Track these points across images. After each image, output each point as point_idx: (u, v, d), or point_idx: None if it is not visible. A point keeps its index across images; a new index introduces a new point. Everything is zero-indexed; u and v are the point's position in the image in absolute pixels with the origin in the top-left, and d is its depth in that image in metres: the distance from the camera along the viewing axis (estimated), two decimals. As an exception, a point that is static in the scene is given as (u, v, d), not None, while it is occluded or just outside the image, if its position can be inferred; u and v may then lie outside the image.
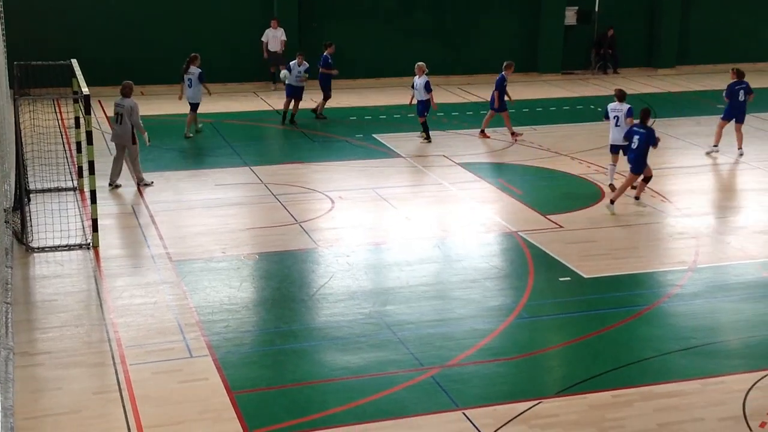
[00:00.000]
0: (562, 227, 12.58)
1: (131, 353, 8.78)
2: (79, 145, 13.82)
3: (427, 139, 17.31)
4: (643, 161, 13.14)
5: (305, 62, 18.51)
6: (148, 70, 21.11)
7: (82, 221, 12.30)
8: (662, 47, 25.80)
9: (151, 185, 14.23)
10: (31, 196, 13.05)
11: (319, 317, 9.78)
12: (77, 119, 14.12)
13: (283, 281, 10.67)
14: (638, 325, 9.63)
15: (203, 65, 17.51)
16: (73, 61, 13.69)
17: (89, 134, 11.45)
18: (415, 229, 12.54)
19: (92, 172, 11.51)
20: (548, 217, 13.01)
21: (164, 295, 10.16)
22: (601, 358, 8.87)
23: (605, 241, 12.11)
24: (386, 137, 17.65)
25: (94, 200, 11.50)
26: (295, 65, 18.45)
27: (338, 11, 23.39)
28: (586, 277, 10.87)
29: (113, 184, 14.12)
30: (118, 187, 14.11)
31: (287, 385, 8.30)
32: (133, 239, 12.07)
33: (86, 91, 11.55)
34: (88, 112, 11.44)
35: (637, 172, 13.19)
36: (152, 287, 10.38)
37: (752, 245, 12.10)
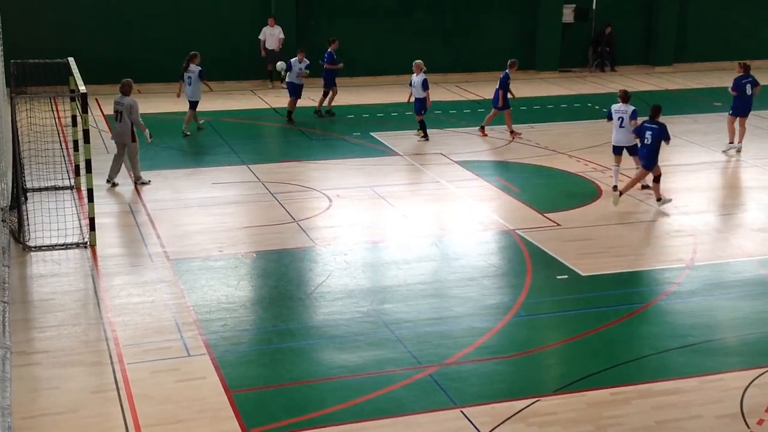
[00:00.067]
0: (559, 225, 12.59)
1: (129, 352, 8.77)
2: (76, 143, 13.79)
3: (424, 137, 17.31)
4: (655, 157, 13.14)
5: (306, 59, 18.49)
6: (145, 68, 21.08)
7: (79, 220, 12.29)
8: (660, 45, 25.81)
9: (148, 184, 14.21)
10: (28, 194, 13.03)
11: (316, 316, 9.77)
12: (74, 118, 14.08)
13: (280, 280, 10.66)
14: (636, 322, 9.64)
15: (201, 63, 17.48)
16: (70, 59, 13.67)
17: (86, 133, 11.43)
18: (412, 227, 12.53)
19: (89, 170, 11.49)
20: (546, 215, 13.01)
21: (162, 293, 10.15)
22: (599, 355, 8.87)
23: (603, 238, 12.12)
24: (384, 135, 17.64)
25: (91, 199, 11.48)
26: (296, 62, 18.40)
27: (336, 9, 23.38)
28: (583, 275, 10.87)
29: (111, 181, 14.11)
30: (115, 185, 14.09)
31: (285, 383, 8.29)
32: (130, 238, 12.05)
33: (83, 89, 11.52)
34: (85, 110, 11.41)
35: (648, 167, 13.20)
36: (149, 286, 10.36)
37: (750, 243, 12.11)
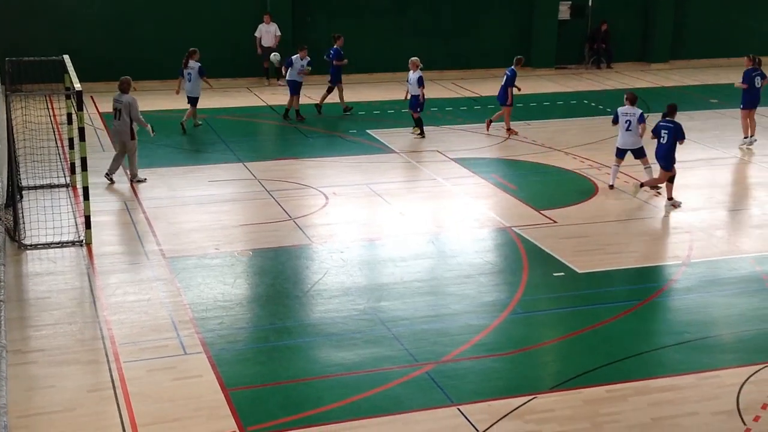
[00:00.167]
0: (556, 222, 12.59)
1: (125, 350, 8.75)
2: (71, 141, 13.76)
3: (421, 134, 17.30)
4: (672, 156, 13.11)
5: (307, 56, 18.42)
6: (141, 65, 21.01)
7: (74, 218, 12.27)
8: (656, 41, 25.82)
9: (144, 182, 14.18)
10: (23, 192, 13.00)
11: (313, 313, 9.76)
12: (69, 115, 14.06)
13: (277, 278, 10.65)
14: (632, 319, 9.65)
15: (198, 60, 17.44)
16: (65, 56, 13.63)
17: (81, 130, 11.40)
18: (409, 224, 12.53)
19: (85, 168, 11.46)
20: (542, 212, 13.01)
21: (158, 292, 10.14)
22: (595, 352, 8.88)
23: (599, 236, 12.12)
24: (380, 133, 17.63)
25: (86, 197, 11.45)
26: (297, 59, 18.34)
27: (332, 6, 23.34)
28: (580, 272, 10.88)
29: (109, 176, 14.10)
30: (113, 182, 14.07)
31: (282, 381, 8.29)
32: (126, 236, 12.03)
33: (78, 87, 11.49)
34: (80, 108, 11.38)
35: (668, 168, 13.15)
36: (146, 284, 10.35)
37: (746, 240, 12.13)
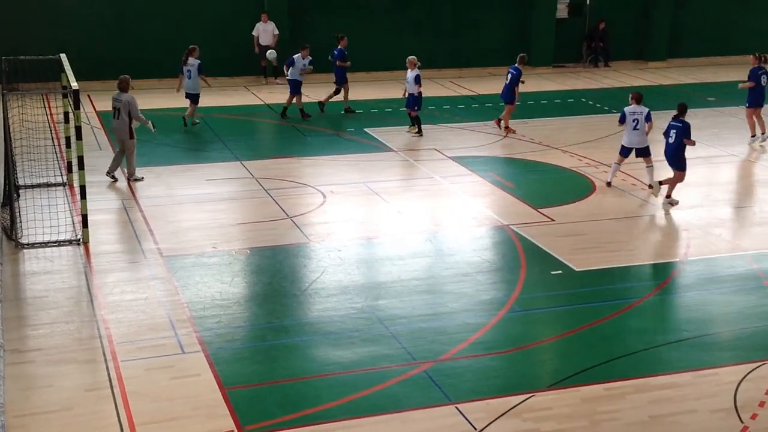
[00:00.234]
0: (553, 220, 12.59)
1: (122, 350, 8.74)
2: (68, 140, 13.74)
3: (419, 132, 17.30)
4: (681, 156, 13.08)
5: (309, 56, 18.38)
6: (138, 64, 20.95)
7: (71, 217, 12.25)
8: (653, 40, 25.84)
9: (141, 180, 14.17)
10: (20, 191, 12.97)
11: (311, 312, 9.76)
12: (66, 114, 14.03)
13: (274, 276, 10.64)
14: (630, 317, 9.65)
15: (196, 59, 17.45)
16: (62, 55, 13.60)
17: (78, 129, 11.38)
18: (406, 223, 12.52)
19: (81, 167, 11.44)
20: (540, 210, 13.01)
21: (155, 290, 10.12)
22: (593, 351, 8.88)
23: (596, 234, 12.13)
24: (378, 131, 17.62)
25: (83, 195, 11.43)
26: (299, 58, 18.29)
27: (329, 4, 23.31)
28: (577, 270, 10.88)
29: (111, 174, 14.09)
30: (115, 180, 14.06)
31: (280, 380, 8.28)
32: (123, 235, 12.01)
33: (75, 85, 11.47)
34: (77, 107, 11.36)
35: (680, 168, 13.10)
36: (143, 283, 10.33)
37: (743, 237, 12.14)
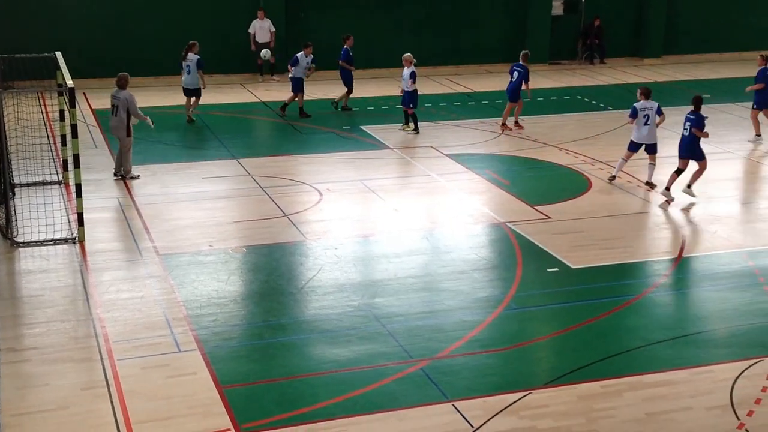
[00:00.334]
0: (550, 218, 12.60)
1: (119, 348, 8.73)
2: (63, 138, 13.70)
3: (415, 130, 17.29)
4: (697, 147, 13.24)
5: (311, 54, 18.35)
6: (134, 62, 20.89)
7: (67, 215, 12.23)
8: (649, 37, 25.85)
9: (137, 178, 14.15)
10: (15, 190, 12.95)
11: (307, 310, 9.75)
12: (62, 112, 13.99)
13: (271, 274, 10.63)
14: (626, 315, 9.67)
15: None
16: (57, 53, 13.57)
17: (74, 127, 11.35)
18: (403, 220, 12.52)
19: (77, 165, 11.41)
20: (536, 207, 13.02)
21: (151, 289, 10.11)
22: (589, 348, 8.89)
23: (593, 231, 12.14)
24: (374, 129, 17.61)
25: (79, 194, 11.41)
26: (302, 56, 18.25)
27: (325, 2, 23.28)
28: (574, 267, 10.89)
29: (119, 174, 14.07)
30: (123, 177, 14.04)
31: (276, 378, 8.28)
32: (119, 233, 11.99)
33: (71, 83, 11.45)
34: (72, 105, 11.33)
35: (699, 158, 13.30)
36: (139, 281, 10.32)
37: (738, 234, 12.16)
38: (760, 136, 16.76)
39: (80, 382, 8.14)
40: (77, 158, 11.43)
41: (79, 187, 11.43)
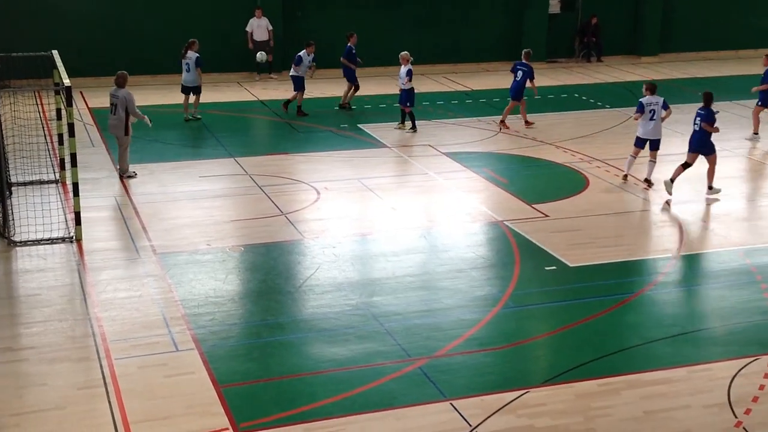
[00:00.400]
0: (547, 216, 12.60)
1: (116, 348, 8.72)
2: (60, 137, 13.69)
3: (413, 129, 17.29)
4: (708, 141, 13.29)
5: (313, 53, 18.34)
6: (131, 60, 20.89)
7: (64, 214, 12.21)
8: (646, 35, 25.86)
9: (134, 177, 14.13)
10: (12, 189, 12.93)
11: (305, 309, 9.75)
12: (59, 111, 13.98)
13: (269, 273, 10.62)
14: (624, 313, 9.67)
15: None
16: (54, 52, 13.54)
17: (71, 126, 11.33)
18: (401, 219, 12.52)
19: (74, 164, 11.40)
20: (534, 206, 13.02)
21: (149, 288, 10.10)
22: (587, 346, 8.90)
23: (590, 229, 12.14)
24: (371, 127, 17.60)
25: (76, 193, 11.40)
26: (305, 55, 18.21)
27: (323, 0, 23.26)
28: (571, 265, 10.89)
29: (124, 173, 14.07)
30: (131, 176, 14.02)
31: (275, 377, 8.27)
32: (116, 232, 11.98)
33: (68, 82, 11.42)
34: (69, 104, 11.31)
35: (709, 152, 13.37)
36: (137, 280, 10.30)
37: (736, 232, 12.17)
38: (757, 134, 16.78)
39: (78, 381, 8.13)
40: (74, 157, 11.41)
41: (76, 186, 11.41)
